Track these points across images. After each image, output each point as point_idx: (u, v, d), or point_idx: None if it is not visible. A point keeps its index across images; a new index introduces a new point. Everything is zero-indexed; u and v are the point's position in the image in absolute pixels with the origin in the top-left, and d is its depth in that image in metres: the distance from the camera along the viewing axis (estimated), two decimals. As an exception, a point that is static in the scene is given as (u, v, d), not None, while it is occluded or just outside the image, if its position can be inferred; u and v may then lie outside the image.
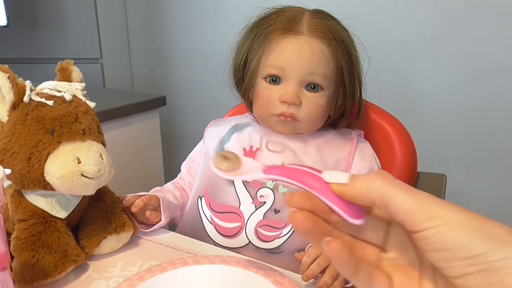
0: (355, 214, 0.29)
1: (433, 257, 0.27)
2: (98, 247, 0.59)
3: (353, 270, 0.29)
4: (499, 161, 1.26)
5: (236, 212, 0.70)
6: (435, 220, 0.26)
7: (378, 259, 0.31)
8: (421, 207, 0.26)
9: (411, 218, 0.27)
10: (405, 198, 0.27)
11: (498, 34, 1.17)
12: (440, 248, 0.26)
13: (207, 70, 1.65)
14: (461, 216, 0.26)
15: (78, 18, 1.62)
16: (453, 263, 0.26)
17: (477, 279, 0.25)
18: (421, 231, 0.26)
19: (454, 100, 1.27)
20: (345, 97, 0.71)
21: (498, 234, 0.25)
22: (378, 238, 0.32)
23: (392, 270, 0.30)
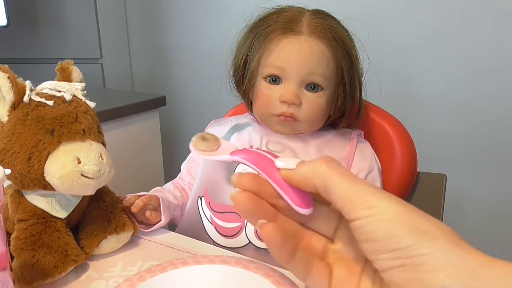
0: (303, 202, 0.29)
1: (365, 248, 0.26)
2: (98, 247, 0.59)
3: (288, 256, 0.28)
4: (499, 161, 1.26)
5: (236, 212, 0.70)
6: (369, 210, 0.25)
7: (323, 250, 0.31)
8: (358, 196, 0.26)
9: (347, 205, 0.26)
10: (345, 185, 0.26)
11: (498, 34, 1.17)
12: (370, 238, 0.25)
13: (207, 70, 1.65)
14: (396, 208, 0.25)
15: (78, 18, 1.62)
16: (380, 256, 0.25)
17: (400, 274, 0.24)
18: (356, 220, 0.26)
19: (454, 100, 1.27)
20: (345, 97, 0.71)
21: (428, 230, 0.24)
22: (328, 229, 0.31)
23: (335, 262, 0.30)
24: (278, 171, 0.30)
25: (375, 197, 0.26)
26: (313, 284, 0.29)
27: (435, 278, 0.23)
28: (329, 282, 0.29)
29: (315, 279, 0.29)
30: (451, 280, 0.23)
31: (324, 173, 0.27)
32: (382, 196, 0.26)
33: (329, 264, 0.30)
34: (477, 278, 0.23)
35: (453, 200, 1.30)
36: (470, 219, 1.33)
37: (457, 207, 1.32)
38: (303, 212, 0.29)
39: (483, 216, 1.32)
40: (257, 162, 0.30)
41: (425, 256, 0.23)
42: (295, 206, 0.29)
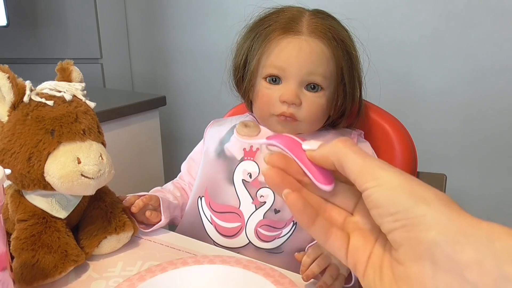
0: (324, 179, 0.33)
1: (373, 214, 0.30)
2: (98, 247, 0.59)
3: (309, 221, 0.32)
4: (499, 161, 1.26)
5: (236, 212, 0.70)
6: (376, 181, 0.29)
7: (344, 221, 0.34)
8: (368, 169, 0.30)
9: (359, 178, 0.30)
10: (357, 160, 0.30)
11: (498, 34, 1.17)
12: (376, 205, 0.29)
13: (207, 70, 1.65)
14: (398, 178, 0.29)
15: (78, 18, 1.62)
16: (384, 219, 0.29)
17: (400, 234, 0.28)
18: (365, 190, 0.29)
19: (454, 100, 1.27)
20: (345, 97, 0.71)
21: (425, 195, 0.28)
22: (348, 204, 0.35)
23: (353, 232, 0.33)
24: (304, 152, 0.34)
25: (382, 170, 0.29)
26: (332, 248, 0.33)
27: (428, 235, 0.26)
28: (346, 248, 0.33)
29: (334, 244, 0.33)
30: (441, 236, 0.26)
31: (340, 151, 0.31)
32: (388, 169, 0.29)
33: (347, 233, 0.33)
34: (464, 234, 0.26)
35: (453, 200, 1.30)
36: (470, 219, 1.33)
37: (457, 207, 1.32)
38: (324, 188, 0.33)
39: (483, 216, 1.29)
40: (287, 144, 0.35)
41: (421, 217, 0.27)
42: (317, 183, 0.33)
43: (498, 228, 0.26)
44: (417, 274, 0.27)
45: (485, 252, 0.25)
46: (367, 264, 0.31)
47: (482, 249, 0.25)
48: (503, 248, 0.25)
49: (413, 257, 0.27)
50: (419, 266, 0.27)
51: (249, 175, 0.70)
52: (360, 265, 0.32)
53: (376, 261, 0.31)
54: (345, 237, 0.33)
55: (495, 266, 0.24)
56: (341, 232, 0.33)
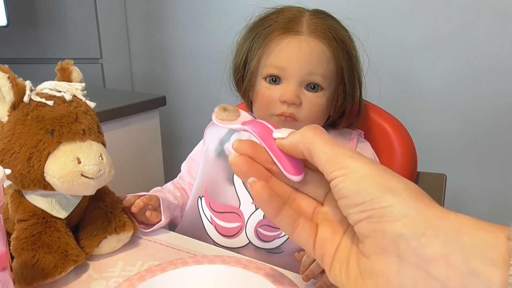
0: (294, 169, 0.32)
1: (340, 205, 0.29)
2: (98, 247, 0.59)
3: (275, 211, 0.31)
4: (499, 161, 1.26)
5: (236, 212, 0.70)
6: (343, 170, 0.28)
7: (313, 212, 0.34)
8: (336, 158, 0.29)
9: (327, 167, 0.29)
10: (326, 149, 0.29)
11: (498, 34, 1.17)
12: (343, 195, 0.28)
13: (207, 70, 1.65)
14: (367, 168, 0.28)
15: (78, 18, 1.62)
16: (351, 210, 0.28)
17: (366, 226, 0.27)
18: (332, 179, 0.29)
19: (454, 100, 1.27)
20: (345, 97, 0.71)
21: (393, 186, 0.27)
22: (319, 194, 0.34)
23: (321, 222, 0.33)
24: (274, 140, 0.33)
25: (351, 159, 0.28)
26: (298, 239, 0.32)
27: (393, 227, 0.25)
28: (314, 239, 0.32)
29: (301, 235, 0.32)
30: (406, 229, 0.25)
31: (309, 139, 0.30)
32: (357, 158, 0.28)
33: (316, 224, 0.33)
34: (430, 226, 0.25)
35: (453, 200, 1.30)
36: (470, 219, 1.33)
37: (457, 207, 1.32)
38: (292, 178, 0.32)
39: (483, 216, 1.30)
40: (259, 131, 0.34)
41: (387, 208, 0.26)
42: (286, 173, 0.32)
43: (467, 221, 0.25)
44: (382, 268, 0.26)
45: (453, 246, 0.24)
46: (334, 257, 0.31)
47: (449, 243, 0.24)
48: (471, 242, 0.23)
49: (379, 250, 0.27)
50: (384, 260, 0.26)
51: (249, 175, 0.70)
52: (327, 257, 0.31)
53: (343, 253, 0.30)
54: (313, 228, 0.32)
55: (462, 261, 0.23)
56: (309, 223, 0.32)
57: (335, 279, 0.30)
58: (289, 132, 0.32)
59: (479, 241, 0.23)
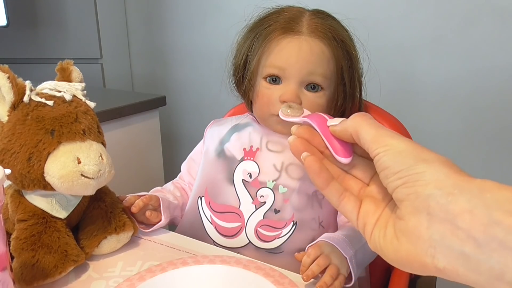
0: (344, 152, 0.37)
1: (381, 177, 0.33)
2: (98, 247, 0.59)
3: (324, 182, 0.37)
4: (499, 161, 1.26)
5: (236, 212, 0.70)
6: (384, 147, 0.33)
7: (359, 190, 0.38)
8: (379, 138, 0.33)
9: (371, 146, 0.34)
10: (370, 131, 0.34)
11: (498, 34, 1.17)
12: (384, 167, 0.32)
13: (207, 70, 1.65)
14: (405, 144, 0.32)
15: (78, 18, 1.62)
16: (389, 179, 0.32)
17: (401, 191, 0.31)
18: (376, 155, 0.33)
19: (454, 100, 1.27)
20: (345, 97, 0.71)
21: (426, 157, 0.31)
22: (365, 176, 0.38)
23: (365, 198, 0.37)
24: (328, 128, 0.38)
25: (392, 138, 0.33)
26: (344, 210, 0.37)
27: (425, 189, 0.29)
28: (358, 211, 0.36)
29: (346, 206, 0.37)
30: (436, 189, 0.29)
31: (356, 123, 0.35)
32: (397, 137, 0.33)
33: (360, 199, 0.37)
34: (457, 187, 0.29)
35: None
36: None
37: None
38: (341, 160, 0.37)
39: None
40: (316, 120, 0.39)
41: (420, 173, 0.30)
42: (335, 155, 0.37)
43: (489, 183, 0.29)
44: (414, 225, 0.30)
45: (477, 202, 0.27)
46: (375, 226, 0.34)
47: (473, 199, 0.28)
48: (493, 198, 0.27)
49: (412, 210, 0.30)
50: (416, 218, 0.30)
51: (249, 175, 0.70)
52: (368, 226, 0.35)
53: (382, 222, 0.34)
54: (358, 201, 0.37)
55: (485, 213, 0.27)
56: (354, 197, 0.37)
57: (374, 245, 0.34)
58: (341, 120, 0.37)
59: (500, 197, 0.27)
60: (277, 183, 0.68)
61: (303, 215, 0.68)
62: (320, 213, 0.69)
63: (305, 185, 0.68)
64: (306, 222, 0.67)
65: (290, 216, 0.68)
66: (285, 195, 0.68)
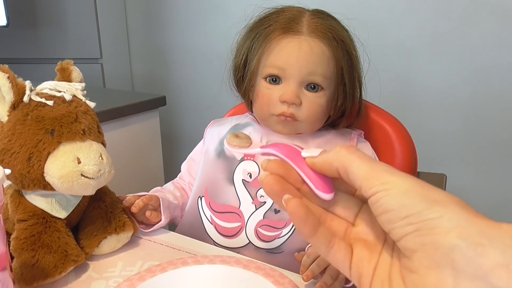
0: (324, 188, 0.32)
1: (382, 220, 0.28)
2: (98, 247, 0.59)
3: (310, 230, 0.30)
4: (499, 161, 1.26)
5: (236, 212, 0.70)
6: (384, 185, 0.28)
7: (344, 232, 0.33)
8: (374, 174, 0.29)
9: (365, 183, 0.29)
10: (362, 165, 0.29)
11: (498, 34, 1.17)
12: (386, 209, 0.27)
13: (207, 70, 1.65)
14: (409, 182, 0.28)
15: (78, 18, 1.62)
16: (395, 224, 0.27)
17: (414, 239, 0.26)
18: (373, 195, 0.28)
19: (454, 100, 1.27)
20: (345, 97, 0.71)
21: (438, 198, 0.26)
22: (349, 214, 0.33)
23: (355, 242, 0.32)
24: (303, 160, 0.33)
25: (390, 174, 0.28)
26: (334, 260, 0.31)
27: (447, 238, 0.25)
28: (350, 259, 0.31)
29: (337, 255, 0.31)
30: (460, 240, 0.24)
31: (344, 156, 0.30)
32: (396, 173, 0.28)
33: (350, 244, 0.32)
34: (485, 236, 0.24)
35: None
36: (470, 219, 1.33)
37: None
38: (324, 196, 0.32)
39: (483, 216, 1.31)
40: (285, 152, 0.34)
41: (436, 219, 0.25)
42: (317, 191, 0.32)
43: None
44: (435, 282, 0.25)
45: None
46: (373, 276, 0.30)
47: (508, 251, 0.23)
48: None
49: (430, 264, 0.26)
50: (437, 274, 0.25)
51: (249, 175, 0.70)
52: (365, 277, 0.30)
53: (383, 272, 0.30)
54: (348, 248, 0.31)
55: None
56: (344, 243, 0.32)
57: None
58: (320, 151, 0.32)
59: None
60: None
61: (303, 215, 0.67)
62: (320, 213, 0.68)
63: (305, 185, 0.68)
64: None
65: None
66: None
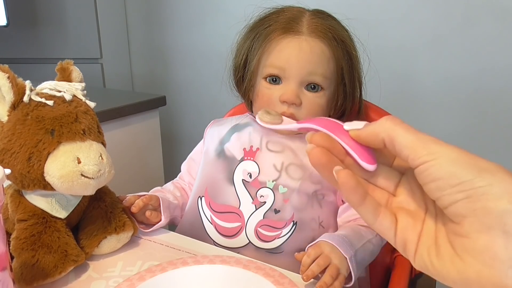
0: (368, 159, 0.32)
1: (430, 188, 0.29)
2: (98, 247, 0.59)
3: (359, 199, 0.31)
4: (499, 161, 1.25)
5: (236, 212, 0.70)
6: (432, 155, 0.29)
7: (386, 202, 0.34)
8: (421, 144, 0.29)
9: (412, 153, 0.29)
10: (408, 136, 0.30)
11: (498, 34, 1.17)
12: (435, 178, 0.28)
13: (207, 70, 1.65)
14: (455, 151, 0.28)
15: (78, 18, 1.62)
16: (445, 192, 0.28)
17: (464, 205, 0.27)
18: (421, 164, 0.29)
19: (454, 100, 1.27)
20: (345, 97, 0.71)
21: (486, 167, 0.27)
22: (390, 185, 0.34)
23: (398, 211, 0.33)
24: (346, 132, 0.33)
25: (436, 144, 0.29)
26: (381, 228, 0.32)
27: (498, 204, 0.26)
28: (395, 227, 0.32)
29: (383, 223, 0.32)
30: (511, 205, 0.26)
31: (390, 127, 0.31)
32: (442, 143, 0.29)
33: (394, 213, 0.33)
34: None
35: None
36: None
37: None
38: (368, 167, 0.32)
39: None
40: (327, 125, 0.34)
41: (487, 186, 0.26)
42: (362, 162, 0.32)
43: None
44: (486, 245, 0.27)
45: None
46: (419, 243, 0.31)
47: None
48: None
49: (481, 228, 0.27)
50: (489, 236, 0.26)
51: (249, 175, 0.70)
52: (410, 244, 0.31)
53: (428, 238, 0.30)
54: (393, 216, 0.32)
55: None
56: (390, 212, 0.32)
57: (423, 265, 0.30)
58: (364, 123, 0.33)
59: None
60: (277, 183, 0.68)
61: (303, 215, 0.68)
62: (320, 213, 0.69)
63: (305, 185, 0.68)
64: (306, 222, 0.67)
65: (290, 216, 0.68)
66: (285, 195, 0.68)
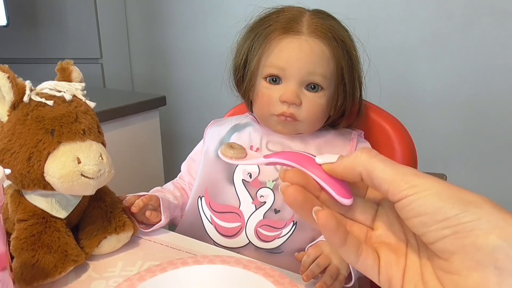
0: (344, 194, 0.31)
1: (413, 224, 0.28)
2: (98, 247, 0.59)
3: (341, 240, 0.30)
4: (499, 161, 1.26)
5: (236, 212, 0.70)
6: (414, 188, 0.27)
7: (366, 237, 0.33)
8: (401, 177, 0.28)
9: (392, 187, 0.28)
10: (387, 169, 0.29)
11: (498, 34, 1.17)
12: (419, 213, 0.27)
13: (207, 70, 1.65)
14: (438, 185, 0.27)
15: (78, 18, 1.62)
16: (430, 228, 0.27)
17: (452, 242, 0.26)
18: (402, 199, 0.28)
19: (454, 100, 1.27)
20: (345, 97, 0.71)
21: (471, 200, 0.27)
22: (366, 218, 0.33)
23: (379, 246, 0.32)
24: (318, 166, 0.32)
25: (417, 177, 0.28)
26: (363, 267, 0.31)
27: (488, 240, 0.25)
28: (378, 264, 0.31)
29: (366, 262, 0.31)
30: (502, 240, 0.25)
31: (366, 160, 0.30)
32: (423, 176, 0.28)
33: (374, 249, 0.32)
34: None
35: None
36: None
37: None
38: (345, 202, 0.31)
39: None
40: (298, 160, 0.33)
41: (475, 221, 0.25)
42: (338, 197, 0.31)
43: None
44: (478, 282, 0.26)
45: None
46: (404, 279, 0.30)
47: None
48: None
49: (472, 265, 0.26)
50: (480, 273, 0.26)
51: (249, 175, 0.70)
52: (395, 280, 0.30)
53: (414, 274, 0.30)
54: (375, 253, 0.31)
55: None
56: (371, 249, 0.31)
57: None
58: (337, 157, 0.32)
59: None
60: (277, 183, 0.68)
61: (303, 215, 0.67)
62: (320, 213, 0.68)
63: (305, 185, 0.68)
64: (306, 222, 0.67)
65: (290, 216, 0.68)
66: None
